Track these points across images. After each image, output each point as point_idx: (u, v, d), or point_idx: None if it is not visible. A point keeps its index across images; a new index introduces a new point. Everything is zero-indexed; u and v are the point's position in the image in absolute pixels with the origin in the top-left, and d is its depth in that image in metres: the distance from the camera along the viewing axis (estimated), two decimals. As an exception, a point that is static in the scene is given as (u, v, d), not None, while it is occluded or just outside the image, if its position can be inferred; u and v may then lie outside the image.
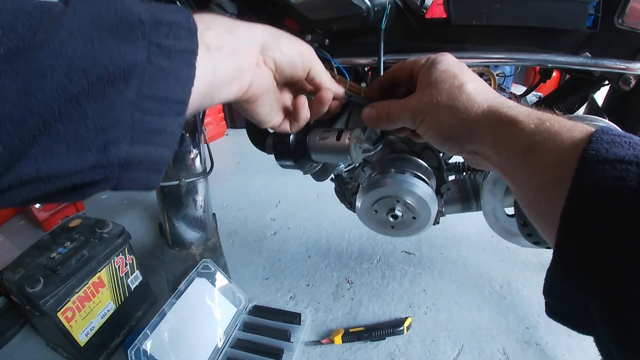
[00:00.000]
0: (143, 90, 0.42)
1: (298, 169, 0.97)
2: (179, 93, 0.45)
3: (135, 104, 0.42)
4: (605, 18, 1.03)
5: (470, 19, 1.07)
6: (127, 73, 0.40)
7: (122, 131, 0.42)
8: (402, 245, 2.31)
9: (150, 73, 0.42)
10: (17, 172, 0.37)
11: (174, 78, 0.44)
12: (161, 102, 0.44)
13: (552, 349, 1.69)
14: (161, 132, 0.45)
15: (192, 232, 2.08)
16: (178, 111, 0.46)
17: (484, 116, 0.59)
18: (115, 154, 0.42)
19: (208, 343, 1.69)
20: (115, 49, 0.39)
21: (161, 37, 0.43)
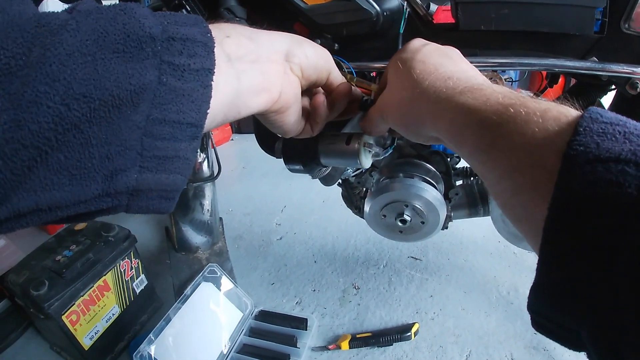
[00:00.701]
0: (153, 113, 0.39)
1: (307, 173, 0.96)
2: (193, 115, 0.42)
3: (145, 129, 0.39)
4: (612, 23, 1.03)
5: (479, 24, 1.07)
6: (136, 96, 0.37)
7: (131, 158, 0.39)
8: (408, 250, 2.31)
9: (161, 95, 0.40)
10: (14, 205, 0.34)
11: (188, 99, 0.41)
12: (174, 125, 0.41)
13: (560, 354, 1.68)
14: (174, 159, 0.42)
15: (198, 236, 2.07)
16: (192, 135, 0.43)
17: (431, 105, 0.54)
18: (123, 182, 0.39)
19: (213, 348, 1.68)
20: (121, 70, 0.37)
21: (174, 55, 0.40)
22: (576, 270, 0.34)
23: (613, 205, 0.32)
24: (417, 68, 0.59)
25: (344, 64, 1.10)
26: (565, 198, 0.35)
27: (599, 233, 0.32)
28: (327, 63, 0.66)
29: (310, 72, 0.63)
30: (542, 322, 0.41)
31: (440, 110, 0.52)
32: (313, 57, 0.62)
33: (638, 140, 0.35)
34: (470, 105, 0.48)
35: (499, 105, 0.45)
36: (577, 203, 0.34)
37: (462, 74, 0.56)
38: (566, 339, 0.40)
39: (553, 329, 0.40)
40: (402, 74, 0.61)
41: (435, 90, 0.54)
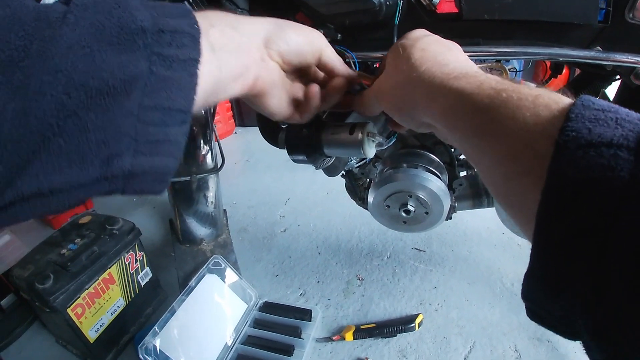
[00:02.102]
0: (145, 101, 0.41)
1: (310, 163, 0.96)
2: (181, 102, 0.45)
3: (138, 116, 0.41)
4: (616, 12, 1.03)
5: (482, 13, 1.06)
6: (128, 85, 0.39)
7: (126, 143, 0.41)
8: (412, 242, 2.31)
9: (152, 83, 0.42)
10: (18, 188, 0.36)
11: (177, 87, 0.44)
12: (164, 112, 0.43)
13: (564, 346, 1.68)
14: (165, 142, 0.45)
15: (202, 228, 2.07)
16: (182, 120, 0.45)
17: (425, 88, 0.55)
18: (119, 166, 0.41)
19: (218, 340, 1.69)
20: (116, 61, 0.39)
21: (163, 47, 0.43)
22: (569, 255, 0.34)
23: (605, 189, 0.32)
24: (416, 54, 0.59)
25: (347, 54, 1.10)
26: (558, 183, 0.35)
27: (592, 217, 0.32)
28: (313, 46, 0.66)
29: (291, 57, 0.63)
30: (536, 311, 0.41)
31: (434, 93, 0.53)
32: (295, 42, 0.63)
33: (629, 126, 0.35)
34: (464, 89, 0.48)
35: (492, 90, 0.45)
36: (570, 188, 0.34)
37: (458, 63, 0.57)
38: (560, 328, 0.40)
39: (547, 317, 0.40)
40: (401, 58, 0.61)
41: (431, 75, 0.55)
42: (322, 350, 1.73)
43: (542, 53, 1.05)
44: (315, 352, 1.73)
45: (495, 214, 1.47)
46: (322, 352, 1.72)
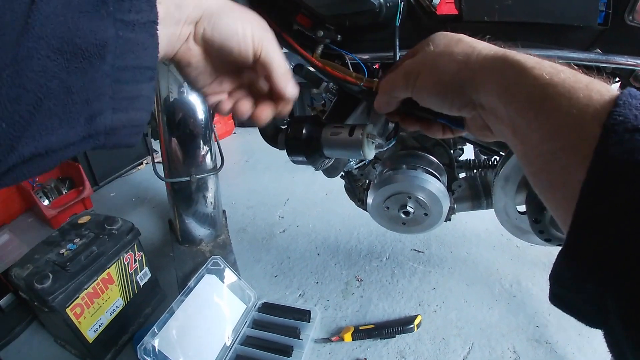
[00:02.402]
0: (117, 62, 0.46)
1: (310, 164, 0.96)
2: (147, 60, 0.49)
3: (113, 76, 0.46)
4: (616, 15, 1.03)
5: (482, 15, 1.06)
6: (101, 49, 0.44)
7: (105, 102, 0.46)
8: (411, 243, 2.31)
9: (120, 46, 0.46)
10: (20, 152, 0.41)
11: (142, 47, 0.48)
12: (134, 70, 0.48)
13: (563, 347, 1.68)
14: (138, 98, 0.50)
15: (202, 228, 2.07)
16: (150, 76, 0.50)
17: (488, 60, 0.54)
18: (101, 123, 0.47)
19: (217, 340, 1.68)
20: (87, 27, 0.43)
21: (124, 13, 0.46)
22: (610, 235, 0.35)
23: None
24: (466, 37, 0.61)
25: (346, 57, 1.10)
26: (604, 163, 0.37)
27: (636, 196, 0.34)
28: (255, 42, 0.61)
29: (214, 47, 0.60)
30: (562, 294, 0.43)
31: (495, 66, 0.53)
32: (224, 30, 0.59)
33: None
34: (524, 63, 0.49)
35: (551, 67, 0.47)
36: (616, 167, 0.36)
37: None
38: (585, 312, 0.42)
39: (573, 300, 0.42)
40: (452, 38, 0.61)
41: (491, 50, 0.56)
42: (320, 351, 1.73)
43: (541, 55, 1.03)
44: (314, 353, 1.73)
45: (494, 216, 1.47)
46: (320, 353, 1.72)
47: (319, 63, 1.07)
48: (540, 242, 1.38)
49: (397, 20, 1.03)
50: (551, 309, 1.81)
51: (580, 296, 0.40)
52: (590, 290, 0.38)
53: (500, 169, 1.31)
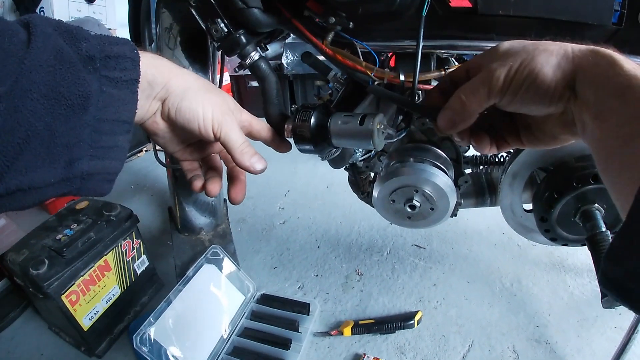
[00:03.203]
0: (98, 114, 0.52)
1: (317, 154, 0.94)
2: (126, 114, 0.55)
3: (94, 126, 0.52)
4: (630, 15, 1.01)
5: (497, 8, 1.04)
6: (85, 100, 0.49)
7: (84, 149, 0.51)
8: (412, 238, 2.29)
9: (103, 100, 0.52)
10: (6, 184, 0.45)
11: (122, 103, 0.54)
12: (113, 123, 0.54)
13: (562, 348, 1.67)
14: (114, 148, 0.55)
15: (202, 217, 2.05)
16: (126, 129, 0.56)
17: (583, 52, 0.56)
18: (79, 168, 0.51)
19: (214, 331, 1.67)
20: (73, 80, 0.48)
21: (110, 70, 0.53)
22: None
23: None
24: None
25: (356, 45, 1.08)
26: None
27: None
28: (205, 127, 0.68)
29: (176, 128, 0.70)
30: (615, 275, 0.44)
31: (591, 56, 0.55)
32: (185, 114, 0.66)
33: None
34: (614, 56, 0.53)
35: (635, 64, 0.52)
36: None
37: None
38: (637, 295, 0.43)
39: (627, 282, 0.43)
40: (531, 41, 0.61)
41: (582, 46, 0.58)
42: (319, 345, 1.72)
43: (555, 51, 1.03)
44: (313, 347, 1.71)
45: (496, 214, 1.45)
46: (319, 347, 1.71)
47: (329, 51, 1.05)
48: (545, 242, 1.37)
49: (425, 10, 1.00)
50: (551, 309, 1.81)
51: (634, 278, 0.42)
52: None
53: (509, 166, 1.29)
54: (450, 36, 1.10)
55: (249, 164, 0.74)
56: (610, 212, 1.19)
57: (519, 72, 0.58)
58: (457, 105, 0.65)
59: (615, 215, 1.20)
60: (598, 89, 0.53)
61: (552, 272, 2.03)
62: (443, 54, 1.17)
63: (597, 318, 1.77)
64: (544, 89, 0.57)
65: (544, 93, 0.58)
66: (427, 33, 1.05)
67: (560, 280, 1.97)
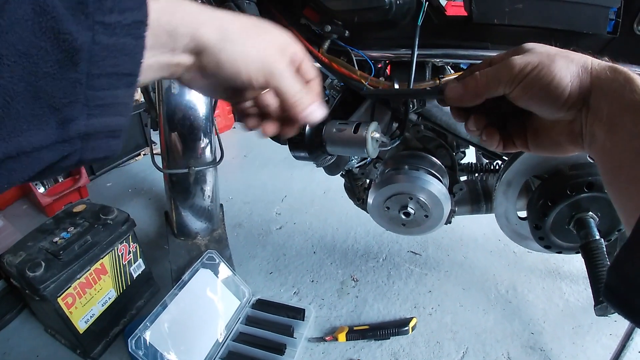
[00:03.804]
0: (92, 70, 0.43)
1: (312, 161, 0.95)
2: (128, 66, 0.46)
3: (87, 84, 0.44)
4: (625, 24, 1.03)
5: (492, 17, 1.05)
6: (73, 56, 0.41)
7: (78, 109, 0.44)
8: (408, 245, 2.30)
9: (96, 53, 0.43)
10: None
11: (122, 53, 0.45)
12: (111, 77, 0.45)
13: (557, 355, 1.67)
14: (115, 105, 0.47)
15: (198, 222, 2.06)
16: (129, 83, 0.47)
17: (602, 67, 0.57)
18: (74, 129, 0.44)
19: (209, 335, 1.67)
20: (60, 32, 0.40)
21: (105, 14, 0.43)
22: None
23: None
24: None
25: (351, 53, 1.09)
26: None
27: None
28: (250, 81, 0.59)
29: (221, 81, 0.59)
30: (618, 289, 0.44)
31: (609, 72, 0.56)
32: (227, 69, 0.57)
33: None
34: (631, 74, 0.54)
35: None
36: None
37: None
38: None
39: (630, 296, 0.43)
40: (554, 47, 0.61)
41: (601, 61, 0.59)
42: (314, 350, 1.72)
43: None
44: (307, 352, 1.72)
45: (492, 221, 1.46)
46: (314, 352, 1.71)
47: (325, 59, 1.06)
48: (539, 249, 1.37)
49: (420, 19, 1.01)
50: (546, 317, 1.81)
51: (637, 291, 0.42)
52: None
53: (503, 173, 1.30)
54: (446, 45, 1.11)
55: (303, 116, 0.66)
56: (604, 220, 1.19)
57: (536, 69, 0.59)
58: (470, 81, 0.66)
59: (609, 223, 1.21)
60: (613, 103, 0.54)
61: (548, 279, 2.03)
62: (439, 63, 1.17)
63: (592, 325, 1.77)
64: (557, 92, 0.58)
65: (557, 97, 0.58)
66: (422, 42, 1.07)
67: (556, 287, 1.98)
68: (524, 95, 0.61)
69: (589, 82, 0.57)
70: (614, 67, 0.55)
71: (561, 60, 0.58)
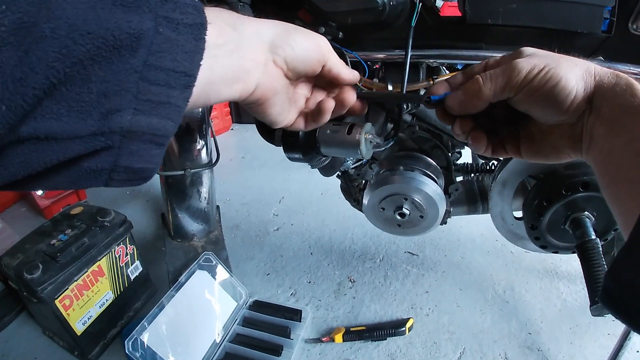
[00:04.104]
0: (150, 59, 0.42)
1: (306, 162, 0.95)
2: (186, 65, 0.45)
3: (142, 74, 0.41)
4: (620, 23, 1.03)
5: (486, 17, 1.05)
6: (135, 41, 0.40)
7: (127, 100, 0.41)
8: (405, 245, 2.30)
9: (158, 43, 0.42)
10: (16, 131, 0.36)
11: (182, 50, 0.44)
12: (168, 73, 0.43)
13: (554, 355, 1.67)
14: (166, 105, 0.44)
15: (195, 223, 2.06)
16: (185, 84, 0.45)
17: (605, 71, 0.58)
18: (117, 122, 0.41)
19: (206, 337, 1.68)
20: (121, 17, 0.39)
21: (168, 11, 0.43)
22: None
23: None
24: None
25: (346, 55, 1.09)
26: None
27: None
28: (319, 54, 0.64)
29: (297, 64, 0.61)
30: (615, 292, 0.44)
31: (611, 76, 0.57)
32: (301, 49, 0.61)
33: None
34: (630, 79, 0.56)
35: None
36: None
37: None
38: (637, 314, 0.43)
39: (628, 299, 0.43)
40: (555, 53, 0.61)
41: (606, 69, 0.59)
42: (311, 352, 1.72)
43: (545, 60, 1.04)
44: (304, 353, 1.72)
45: (489, 221, 1.46)
46: (310, 353, 1.71)
47: (318, 60, 1.05)
48: (535, 249, 1.37)
49: (414, 20, 1.02)
50: (544, 317, 1.81)
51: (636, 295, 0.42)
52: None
53: (498, 173, 1.30)
54: (440, 45, 1.11)
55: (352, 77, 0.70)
56: (600, 220, 1.19)
57: (542, 73, 0.58)
58: (473, 87, 0.64)
59: (605, 222, 1.21)
60: (614, 105, 0.54)
61: (545, 279, 2.03)
62: (433, 63, 1.18)
63: (589, 325, 1.77)
64: (563, 95, 0.57)
65: (563, 100, 0.58)
66: (416, 42, 1.07)
67: (553, 287, 1.98)
68: (528, 99, 0.60)
69: (593, 86, 0.57)
70: (615, 72, 0.56)
71: (566, 63, 0.58)
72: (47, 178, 0.43)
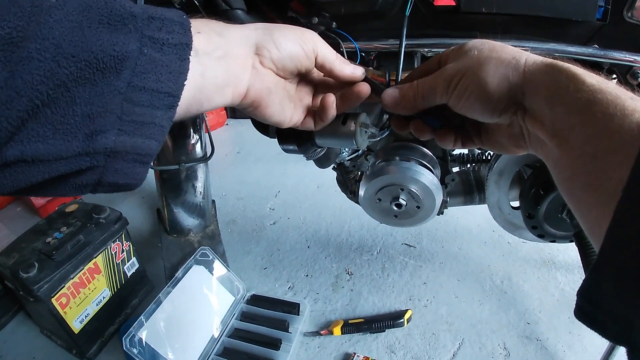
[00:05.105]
0: (134, 80, 0.43)
1: (301, 153, 0.95)
2: (170, 85, 0.46)
3: (125, 95, 0.43)
4: (614, 11, 1.03)
5: (480, 6, 1.05)
6: (119, 62, 0.41)
7: (111, 121, 0.42)
8: (402, 237, 2.30)
9: (142, 64, 0.43)
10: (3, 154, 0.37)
11: (166, 70, 0.45)
12: (152, 93, 0.44)
13: (553, 345, 1.67)
14: (150, 125, 0.46)
15: (190, 218, 2.05)
16: (169, 104, 0.46)
17: (538, 64, 0.54)
18: (102, 142, 0.42)
19: (205, 332, 1.67)
20: (106, 38, 0.40)
21: (153, 31, 0.44)
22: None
23: None
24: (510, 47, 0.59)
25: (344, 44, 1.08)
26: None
27: None
28: (306, 48, 0.63)
29: (285, 61, 0.61)
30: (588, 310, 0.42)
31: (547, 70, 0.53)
32: (286, 46, 0.61)
33: None
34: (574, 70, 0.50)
35: (598, 77, 0.49)
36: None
37: None
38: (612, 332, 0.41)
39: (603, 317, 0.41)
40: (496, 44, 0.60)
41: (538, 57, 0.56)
42: (309, 345, 1.72)
43: (539, 48, 1.04)
44: (303, 347, 1.72)
45: (486, 212, 1.46)
46: (309, 347, 1.71)
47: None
48: (533, 238, 1.37)
49: (408, 9, 1.01)
50: (542, 306, 1.82)
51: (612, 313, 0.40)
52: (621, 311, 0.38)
53: (494, 163, 1.30)
54: (434, 35, 1.11)
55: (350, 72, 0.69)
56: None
57: (464, 78, 0.58)
58: (408, 90, 0.66)
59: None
60: (555, 105, 0.50)
61: (543, 269, 2.03)
62: (427, 53, 1.17)
63: (587, 314, 1.77)
64: (486, 98, 0.57)
65: (486, 103, 0.57)
66: (410, 32, 1.06)
67: (551, 277, 1.98)
68: (457, 105, 0.61)
69: (520, 83, 0.55)
70: (552, 65, 0.53)
71: (490, 64, 0.57)
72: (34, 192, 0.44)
